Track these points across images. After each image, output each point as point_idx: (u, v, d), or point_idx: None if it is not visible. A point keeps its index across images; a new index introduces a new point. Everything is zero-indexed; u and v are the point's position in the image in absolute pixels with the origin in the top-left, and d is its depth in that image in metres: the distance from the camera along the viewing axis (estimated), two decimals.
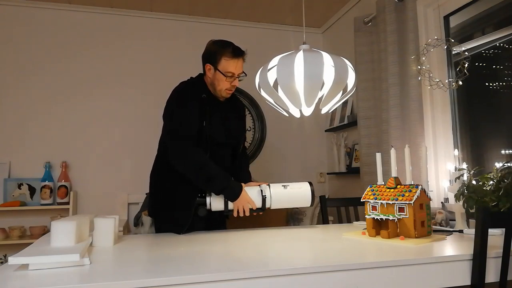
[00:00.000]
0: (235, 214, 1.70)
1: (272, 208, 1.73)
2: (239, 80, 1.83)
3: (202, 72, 1.90)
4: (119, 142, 3.19)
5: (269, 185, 1.74)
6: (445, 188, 1.74)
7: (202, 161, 1.69)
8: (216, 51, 1.79)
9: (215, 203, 1.67)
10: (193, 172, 1.69)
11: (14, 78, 3.02)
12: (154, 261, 1.14)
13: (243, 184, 1.74)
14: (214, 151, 1.78)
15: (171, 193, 1.81)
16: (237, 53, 1.77)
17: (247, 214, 1.69)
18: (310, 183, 1.77)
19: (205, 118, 1.76)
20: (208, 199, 1.67)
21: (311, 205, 1.75)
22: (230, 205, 1.67)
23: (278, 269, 1.03)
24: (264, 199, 1.69)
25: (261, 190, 1.70)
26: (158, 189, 1.89)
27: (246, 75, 1.84)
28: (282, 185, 1.74)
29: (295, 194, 1.73)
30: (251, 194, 1.70)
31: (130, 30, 3.29)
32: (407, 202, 1.43)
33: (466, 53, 1.95)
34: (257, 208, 1.71)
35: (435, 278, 1.15)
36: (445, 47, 2.12)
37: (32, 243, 1.30)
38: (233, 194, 1.68)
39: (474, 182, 1.50)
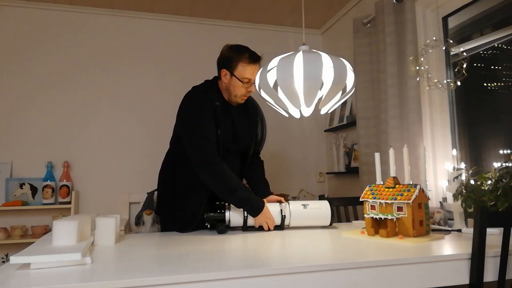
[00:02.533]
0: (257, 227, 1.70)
1: (290, 226, 1.74)
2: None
3: (209, 75, 1.88)
4: (121, 142, 3.20)
5: (288, 202, 1.75)
6: (443, 188, 1.75)
7: (226, 174, 1.68)
8: (233, 57, 1.76)
9: (234, 219, 1.68)
10: (217, 184, 1.68)
11: (15, 78, 3.03)
12: (156, 260, 1.15)
13: (264, 200, 1.76)
14: (224, 157, 1.75)
15: (180, 193, 1.80)
16: (254, 58, 1.76)
17: (271, 229, 1.69)
18: (330, 202, 1.77)
19: (219, 127, 1.73)
20: (227, 214, 1.67)
21: (330, 224, 1.76)
22: (249, 221, 1.68)
23: (277, 268, 1.04)
24: (283, 218, 1.71)
25: (281, 210, 1.71)
26: (166, 188, 1.89)
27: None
28: (302, 204, 1.75)
29: (315, 213, 1.74)
30: (271, 211, 1.71)
31: (131, 31, 3.30)
32: (406, 201, 1.44)
33: (465, 53, 1.96)
34: (275, 226, 1.72)
35: (434, 277, 1.15)
36: (444, 48, 2.13)
37: (33, 242, 1.30)
38: (255, 209, 1.67)
39: (472, 181, 1.51)
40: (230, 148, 1.82)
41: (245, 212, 1.67)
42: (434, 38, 2.03)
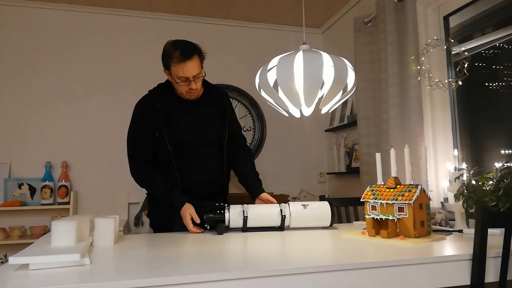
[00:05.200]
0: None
1: (290, 227, 1.73)
2: (196, 81, 1.73)
3: (209, 74, 1.89)
4: (120, 142, 3.17)
5: (288, 203, 1.75)
6: (444, 188, 1.75)
7: (145, 178, 1.83)
8: (166, 56, 1.73)
9: (234, 219, 1.67)
10: (142, 186, 1.86)
11: (14, 78, 3.02)
12: (155, 261, 1.14)
13: (257, 199, 1.85)
14: (195, 153, 1.80)
15: (154, 196, 1.91)
16: (185, 56, 1.66)
17: (192, 230, 1.70)
18: (330, 203, 1.77)
19: (160, 128, 1.76)
20: (227, 215, 1.67)
21: (330, 225, 1.76)
22: (249, 222, 1.68)
23: (277, 269, 1.03)
24: (283, 218, 1.70)
25: (281, 210, 1.71)
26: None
27: (205, 75, 1.78)
28: (302, 205, 1.74)
29: (315, 214, 1.73)
30: (270, 213, 1.71)
31: (130, 30, 3.29)
32: (407, 202, 1.44)
33: (466, 53, 1.96)
34: (275, 226, 1.72)
35: (435, 277, 1.15)
36: (445, 47, 2.12)
37: (32, 243, 1.30)
38: (175, 209, 1.74)
39: (473, 182, 1.50)
40: (198, 142, 1.81)
41: (245, 213, 1.67)
42: (435, 37, 2.03)
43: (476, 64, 2.16)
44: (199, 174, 1.81)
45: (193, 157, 1.80)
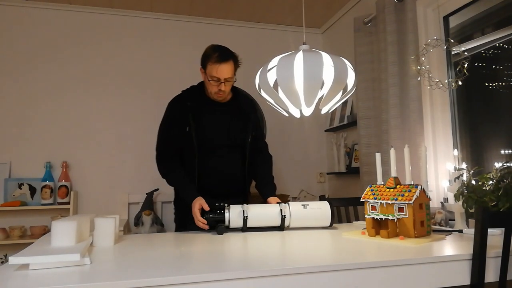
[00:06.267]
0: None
1: (290, 227, 1.74)
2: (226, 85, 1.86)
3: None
4: (120, 142, 3.20)
5: (288, 203, 1.75)
6: (444, 188, 1.75)
7: (167, 171, 1.93)
8: (205, 56, 1.87)
9: (234, 219, 1.67)
10: (165, 178, 1.94)
11: (14, 78, 3.02)
12: (155, 261, 1.15)
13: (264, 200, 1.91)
14: (218, 152, 1.91)
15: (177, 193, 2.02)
16: (222, 58, 1.81)
17: (199, 225, 1.73)
18: (330, 203, 1.77)
19: (189, 125, 1.88)
20: (227, 215, 1.67)
21: (330, 225, 1.76)
22: (249, 223, 1.68)
23: (277, 268, 1.03)
24: (283, 218, 1.70)
25: (281, 210, 1.71)
26: None
27: (235, 80, 1.90)
28: (302, 204, 1.75)
29: (315, 214, 1.73)
30: (270, 212, 1.71)
31: (130, 30, 3.30)
32: (407, 202, 1.44)
33: (466, 53, 1.96)
34: (275, 226, 1.72)
35: (435, 277, 1.15)
36: (445, 47, 2.12)
37: (32, 243, 1.30)
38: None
39: (473, 182, 1.50)
40: (221, 143, 1.92)
41: (245, 213, 1.67)
42: (435, 37, 2.03)
43: (476, 64, 2.16)
44: (218, 172, 1.91)
45: (215, 155, 1.91)
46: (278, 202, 1.81)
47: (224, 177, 1.92)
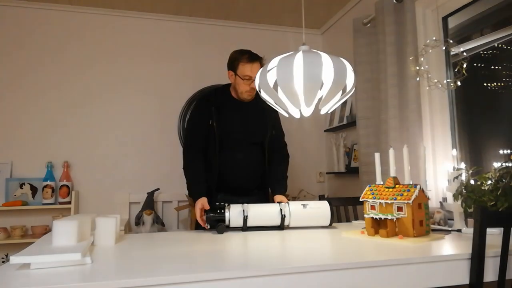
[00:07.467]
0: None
1: (290, 226, 1.74)
2: None
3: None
4: (121, 142, 3.20)
5: (288, 203, 1.76)
6: (443, 188, 1.75)
7: (189, 162, 2.01)
8: (235, 58, 2.01)
9: (234, 219, 1.68)
10: (183, 167, 2.03)
11: (15, 79, 3.03)
12: (155, 260, 1.15)
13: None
14: (238, 147, 2.01)
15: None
16: (252, 58, 1.98)
17: (200, 222, 1.78)
18: (329, 202, 1.78)
19: (212, 118, 2.00)
20: (227, 214, 1.68)
21: (330, 224, 1.76)
22: (249, 222, 1.69)
23: (277, 268, 1.04)
24: (283, 217, 1.71)
25: (281, 210, 1.72)
26: None
27: None
28: (302, 204, 1.76)
29: (314, 213, 1.74)
30: (270, 212, 1.72)
31: (131, 31, 3.30)
32: (406, 201, 1.44)
33: (465, 53, 1.96)
34: (275, 226, 1.73)
35: (434, 277, 1.15)
36: (444, 48, 2.13)
37: (33, 242, 1.30)
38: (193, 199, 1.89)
39: (472, 181, 1.51)
40: (241, 138, 2.03)
41: (245, 212, 1.68)
42: (434, 38, 2.03)
43: (475, 64, 2.17)
44: (238, 168, 2.00)
45: (235, 150, 2.01)
46: (278, 202, 1.81)
47: (243, 173, 2.01)
